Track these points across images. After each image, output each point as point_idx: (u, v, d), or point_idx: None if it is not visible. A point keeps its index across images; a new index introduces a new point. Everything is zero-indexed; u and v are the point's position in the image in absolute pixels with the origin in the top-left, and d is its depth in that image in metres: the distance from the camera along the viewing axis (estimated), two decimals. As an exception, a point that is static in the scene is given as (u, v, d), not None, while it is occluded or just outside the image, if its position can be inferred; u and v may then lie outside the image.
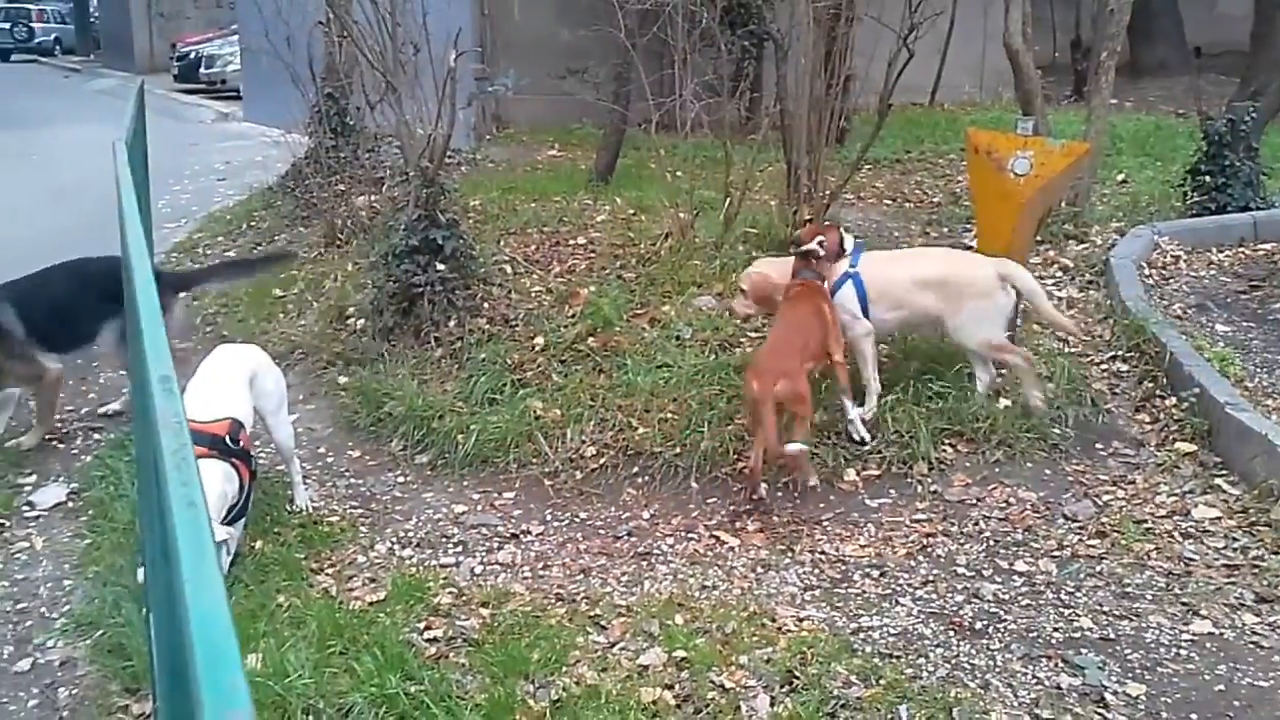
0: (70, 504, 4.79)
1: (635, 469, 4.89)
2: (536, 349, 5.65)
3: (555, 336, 5.70)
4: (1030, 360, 4.97)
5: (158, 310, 1.35)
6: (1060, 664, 3.51)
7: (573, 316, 5.96)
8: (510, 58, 9.98)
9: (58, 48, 37.11)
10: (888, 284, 4.97)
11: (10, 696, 3.55)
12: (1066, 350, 5.47)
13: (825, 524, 4.42)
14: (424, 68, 6.11)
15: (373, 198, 8.09)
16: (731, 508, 4.60)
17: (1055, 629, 3.69)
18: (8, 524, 4.62)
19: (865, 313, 4.96)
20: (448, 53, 5.82)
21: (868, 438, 4.80)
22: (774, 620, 3.76)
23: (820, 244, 4.89)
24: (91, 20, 37.77)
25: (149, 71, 25.76)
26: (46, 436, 5.41)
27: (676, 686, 3.42)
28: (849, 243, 5.05)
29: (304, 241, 8.15)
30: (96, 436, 5.48)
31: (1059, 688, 3.39)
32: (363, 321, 6.19)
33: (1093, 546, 4.15)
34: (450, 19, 6.42)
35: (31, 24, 37.50)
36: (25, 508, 4.76)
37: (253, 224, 9.22)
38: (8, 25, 37.13)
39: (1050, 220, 6.81)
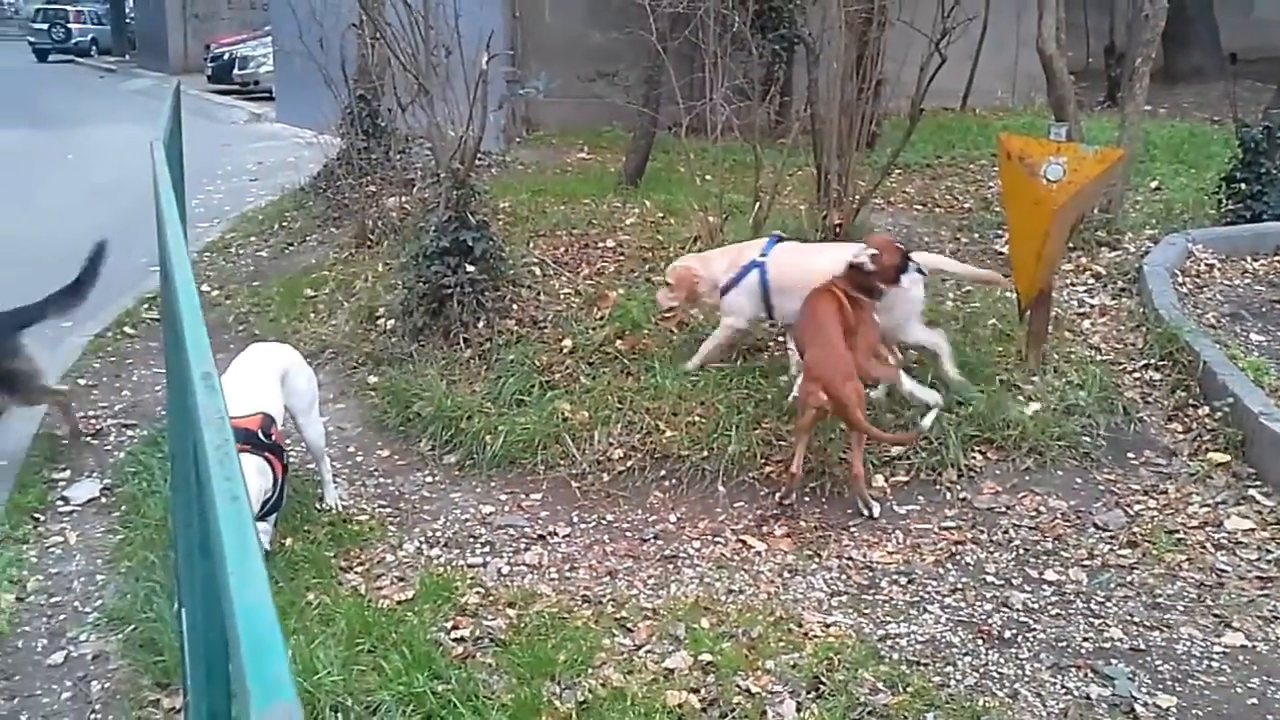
0: (103, 499, 4.85)
1: (662, 472, 4.89)
2: (565, 351, 5.66)
3: (583, 338, 5.71)
4: (945, 338, 5.07)
5: (198, 308, 1.37)
6: (1090, 674, 3.48)
7: (601, 319, 5.97)
8: (541, 60, 10.01)
9: (94, 48, 37.53)
10: (804, 274, 4.98)
11: (44, 689, 3.59)
12: (1098, 358, 5.43)
13: (853, 530, 4.41)
14: (455, 70, 6.14)
15: (403, 199, 8.14)
16: (758, 512, 4.60)
17: (1085, 639, 3.66)
18: (42, 518, 4.68)
19: (768, 305, 5.13)
20: (480, 55, 5.85)
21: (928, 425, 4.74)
22: (800, 626, 3.75)
23: (872, 258, 4.67)
24: (127, 21, 38.20)
25: (183, 72, 25.99)
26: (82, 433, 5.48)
27: (702, 690, 3.42)
28: (907, 267, 4.80)
29: (335, 242, 8.21)
30: (129, 433, 5.53)
31: (1088, 698, 3.37)
32: (393, 322, 6.23)
33: (1124, 556, 4.11)
34: (482, 22, 6.44)
35: (69, 25, 37.94)
36: (59, 502, 4.82)
37: (284, 224, 9.29)
38: (46, 26, 37.59)
39: (1083, 227, 6.76)
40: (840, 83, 6.43)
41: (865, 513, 4.46)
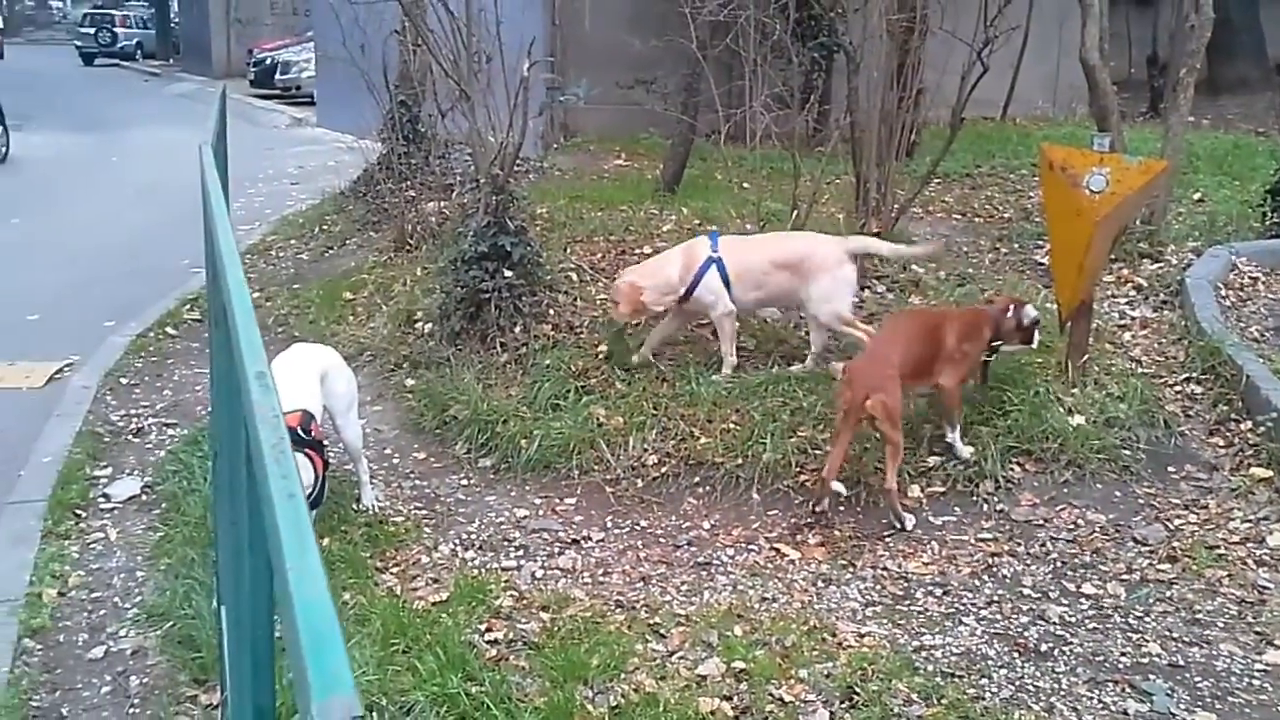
0: (144, 497, 4.91)
1: (696, 479, 4.89)
2: (600, 356, 5.68)
3: (619, 344, 5.73)
4: (871, 335, 5.29)
5: (251, 308, 1.40)
6: (1127, 689, 3.45)
7: (637, 325, 5.99)
8: (580, 67, 10.05)
9: (139, 52, 38.10)
10: (747, 267, 5.41)
11: (84, 682, 3.65)
12: (1140, 371, 5.37)
13: (888, 540, 4.39)
14: (496, 76, 6.18)
15: (442, 204, 8.19)
16: (792, 520, 4.59)
17: (1123, 654, 3.63)
18: (84, 515, 4.75)
19: (729, 294, 5.39)
20: (521, 62, 5.89)
21: (968, 455, 4.76)
22: (834, 635, 3.74)
23: (1005, 312, 4.91)
24: (172, 26, 38.78)
25: (225, 76, 26.36)
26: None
27: (735, 698, 3.42)
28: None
29: (374, 246, 8.28)
30: (170, 432, 5.61)
31: (1125, 713, 3.34)
32: (430, 325, 6.27)
33: (1163, 571, 4.07)
34: (523, 29, 6.49)
35: (115, 29, 38.55)
36: (101, 499, 4.89)
37: (324, 228, 9.39)
38: (93, 30, 38.23)
39: (1125, 238, 6.69)
40: (881, 91, 6.42)
41: (898, 526, 4.44)
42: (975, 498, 4.59)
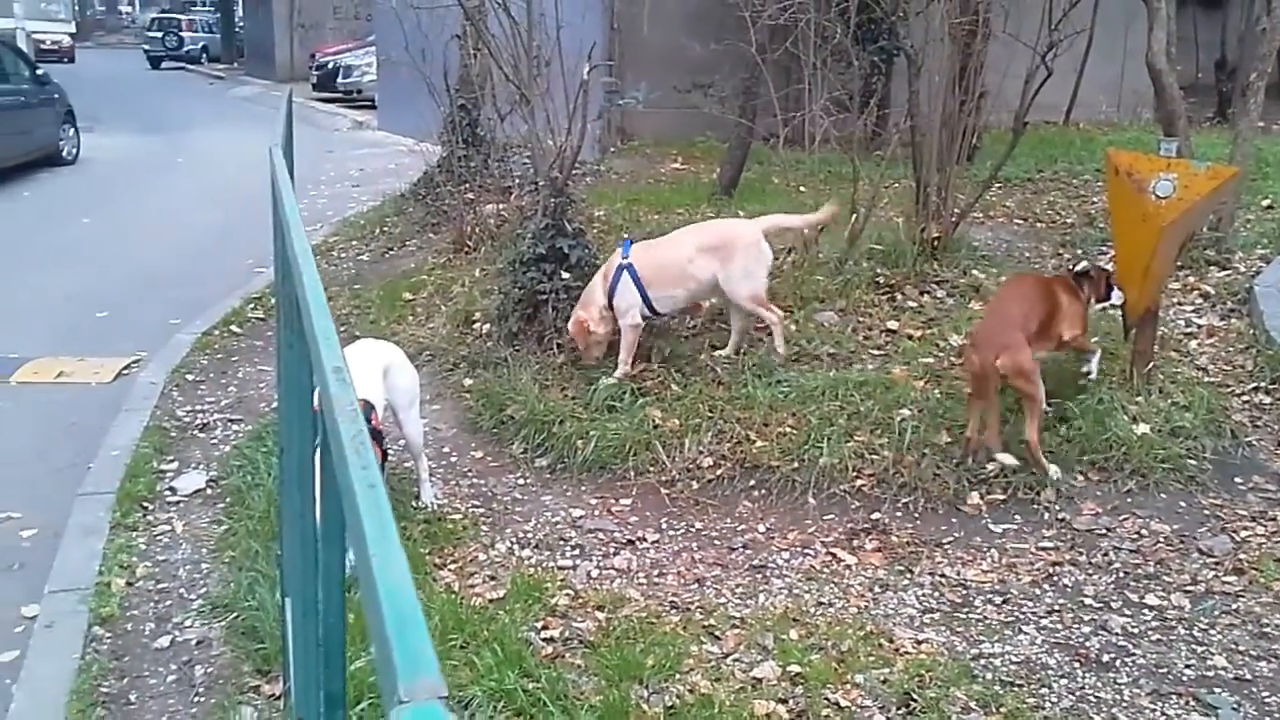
0: (209, 491, 5.01)
1: (752, 482, 4.89)
2: (656, 358, 5.69)
3: (676, 346, 5.73)
4: (782, 318, 5.64)
5: (326, 304, 1.43)
6: (1191, 702, 3.39)
7: (693, 327, 5.99)
8: (638, 71, 10.10)
9: (204, 56, 38.92)
10: (664, 265, 5.56)
11: (151, 670, 3.73)
12: (1206, 380, 5.27)
13: (946, 547, 4.35)
14: (555, 80, 6.23)
15: (501, 206, 8.27)
16: (849, 525, 4.56)
17: (1187, 666, 3.57)
18: (151, 507, 4.86)
19: (646, 300, 5.51)
20: (580, 66, 5.93)
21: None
22: (891, 641, 3.72)
23: (1090, 274, 5.07)
24: (236, 30, 39.52)
25: (288, 80, 26.77)
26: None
27: (790, 701, 3.41)
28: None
29: (434, 247, 8.38)
30: (235, 428, 5.72)
31: (1190, 727, 3.28)
32: (488, 326, 6.34)
33: (1229, 583, 3.99)
34: (583, 33, 6.53)
35: (181, 33, 39.41)
36: (167, 493, 5.00)
37: (385, 229, 9.52)
38: (160, 35, 39.13)
39: (1191, 245, 6.57)
40: (942, 95, 6.37)
41: (1043, 476, 4.54)
42: (1036, 506, 4.53)
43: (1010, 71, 6.61)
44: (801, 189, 7.30)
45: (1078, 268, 5.22)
